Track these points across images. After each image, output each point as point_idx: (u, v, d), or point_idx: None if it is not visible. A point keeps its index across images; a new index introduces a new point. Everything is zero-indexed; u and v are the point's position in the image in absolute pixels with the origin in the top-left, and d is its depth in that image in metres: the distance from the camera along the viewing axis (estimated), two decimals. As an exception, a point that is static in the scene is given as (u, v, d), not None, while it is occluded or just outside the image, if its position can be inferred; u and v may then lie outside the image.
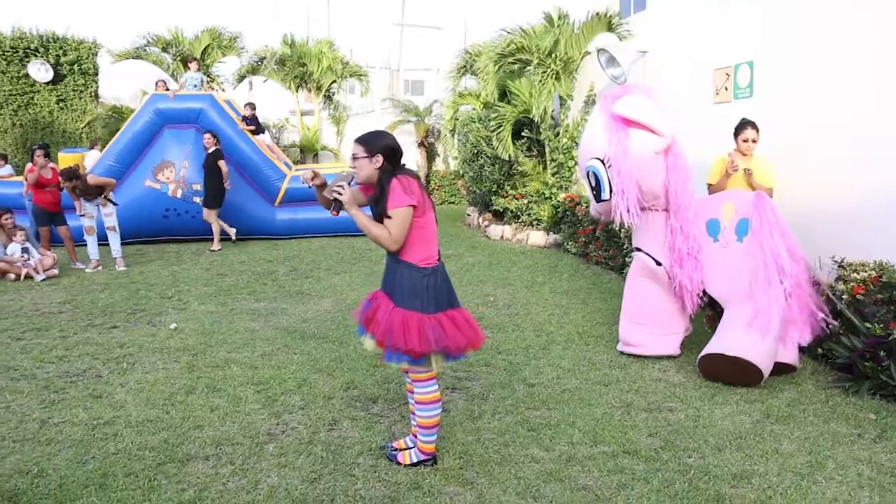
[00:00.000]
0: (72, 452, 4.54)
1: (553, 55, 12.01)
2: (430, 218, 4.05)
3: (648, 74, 10.14)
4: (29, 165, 11.23)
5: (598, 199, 6.04)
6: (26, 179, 11.09)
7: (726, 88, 8.31)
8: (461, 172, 17.14)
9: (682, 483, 4.03)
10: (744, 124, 6.47)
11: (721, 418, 4.96)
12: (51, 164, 11.15)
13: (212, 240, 12.67)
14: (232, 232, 12.90)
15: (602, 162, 5.84)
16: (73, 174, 10.59)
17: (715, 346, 5.66)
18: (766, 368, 5.46)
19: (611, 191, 5.85)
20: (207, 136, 12.44)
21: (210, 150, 12.33)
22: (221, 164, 12.28)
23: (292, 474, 4.19)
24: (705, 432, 4.72)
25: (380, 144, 3.96)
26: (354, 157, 3.99)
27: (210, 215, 12.55)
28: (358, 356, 6.33)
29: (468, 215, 16.41)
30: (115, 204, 10.93)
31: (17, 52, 18.07)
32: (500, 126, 12.67)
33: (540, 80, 12.11)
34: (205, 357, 6.41)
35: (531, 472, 4.16)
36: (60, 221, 11.30)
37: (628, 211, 5.82)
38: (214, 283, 9.71)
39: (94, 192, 10.79)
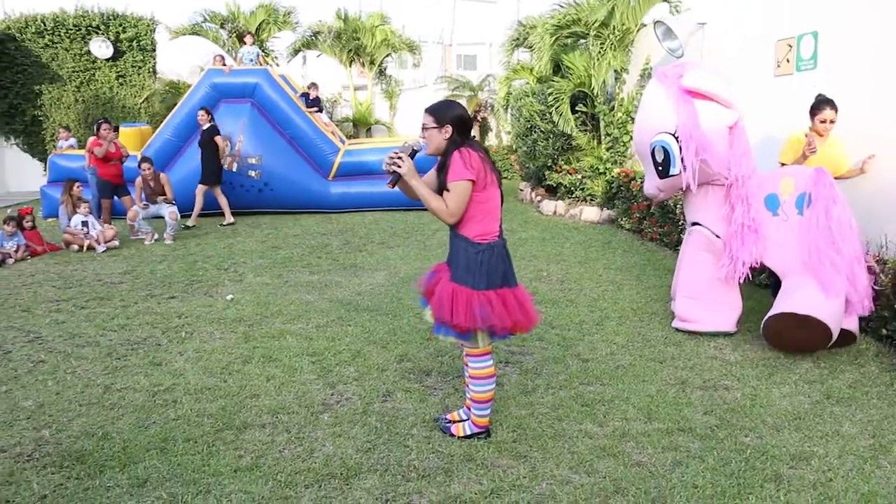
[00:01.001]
0: (134, 417, 4.66)
1: (609, 27, 11.83)
2: (492, 194, 3.98)
3: (706, 46, 9.93)
4: (92, 139, 11.46)
5: (664, 174, 5.96)
6: (91, 153, 11.33)
7: (788, 60, 8.09)
8: (514, 147, 17.02)
9: (739, 462, 3.98)
10: (821, 103, 6.16)
11: (779, 398, 4.88)
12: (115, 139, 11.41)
13: (223, 215, 12.70)
14: (227, 214, 12.74)
15: (674, 136, 5.77)
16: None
17: (783, 305, 5.56)
18: (834, 330, 5.38)
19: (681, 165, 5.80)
20: (201, 112, 12.45)
21: (204, 127, 12.34)
22: (217, 139, 12.28)
23: (347, 444, 4.24)
24: (762, 412, 4.65)
25: (450, 115, 3.93)
26: (424, 128, 3.97)
27: (199, 190, 12.49)
28: (411, 329, 6.37)
29: (521, 190, 16.32)
30: (174, 203, 11.24)
31: (80, 29, 18.40)
32: (558, 100, 12.54)
33: (599, 53, 11.94)
34: (260, 328, 6.51)
35: (584, 447, 4.15)
36: (123, 193, 11.58)
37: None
38: (269, 255, 9.83)
39: (160, 193, 11.09)
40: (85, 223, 10.71)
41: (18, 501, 3.72)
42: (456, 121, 3.92)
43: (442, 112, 3.94)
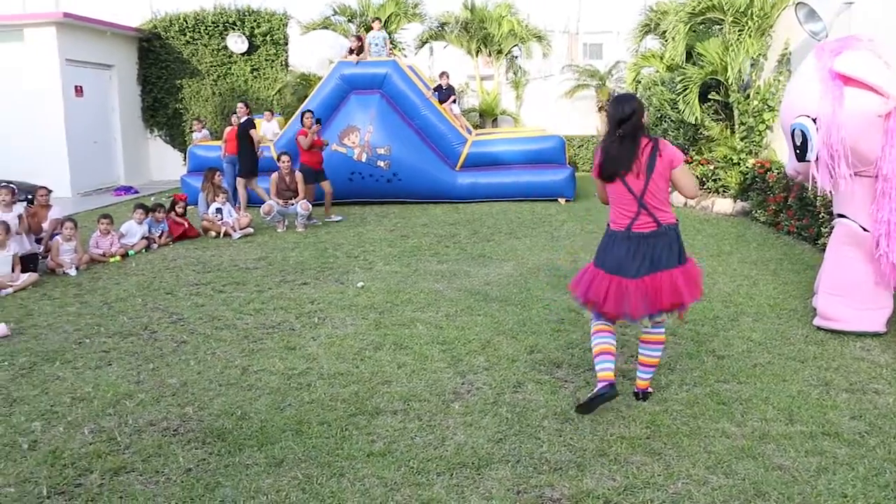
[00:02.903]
0: (270, 399, 4.81)
1: (748, 12, 11.37)
2: (613, 188, 4.39)
3: (853, 28, 9.38)
4: (298, 130, 11.98)
5: (800, 158, 5.69)
6: (298, 143, 11.80)
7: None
8: (642, 137, 16.59)
9: (894, 473, 3.74)
10: None
11: (935, 403, 4.58)
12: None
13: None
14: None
15: (813, 121, 5.49)
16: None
17: None
18: None
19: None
20: (240, 105, 12.73)
21: (242, 120, 12.57)
22: (252, 133, 12.48)
23: (478, 433, 4.25)
24: (918, 417, 4.38)
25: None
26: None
27: (240, 184, 12.59)
28: (541, 320, 6.33)
29: (650, 181, 15.95)
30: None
31: (218, 26, 19.26)
32: (687, 89, 12.17)
33: (737, 40, 11.51)
34: (391, 315, 6.61)
35: (722, 447, 4.01)
36: (323, 178, 12.06)
37: (831, 177, 5.47)
38: (398, 244, 9.97)
39: (294, 190, 11.40)
40: (219, 210, 11.14)
41: (167, 472, 3.92)
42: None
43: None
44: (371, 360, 5.46)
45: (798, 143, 5.69)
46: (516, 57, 21.29)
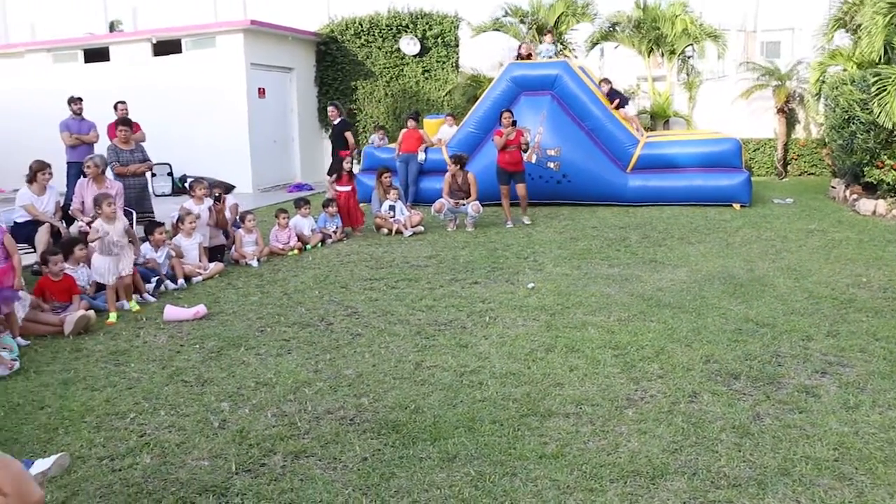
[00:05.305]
0: (442, 395, 4.89)
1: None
2: None
3: None
4: (497, 129, 12.09)
5: None
6: (495, 143, 11.95)
7: None
8: (825, 140, 15.73)
9: None
10: None
11: None
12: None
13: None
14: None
15: None
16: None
17: None
18: None
19: None
20: (331, 108, 12.67)
21: (335, 122, 12.45)
22: (348, 135, 12.35)
23: (652, 442, 4.14)
24: None
25: None
26: None
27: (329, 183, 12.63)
28: (717, 329, 6.10)
29: (832, 188, 15.04)
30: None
31: (391, 29, 19.81)
32: (884, 90, 11.38)
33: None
34: (562, 317, 6.56)
35: (925, 478, 3.72)
36: (519, 179, 12.00)
37: None
38: (568, 246, 9.90)
39: (466, 191, 11.54)
40: (392, 208, 11.44)
41: (344, 459, 4.06)
42: None
43: None
44: (542, 362, 5.44)
45: None
46: (690, 57, 20.64)
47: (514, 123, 11.77)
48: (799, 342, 5.75)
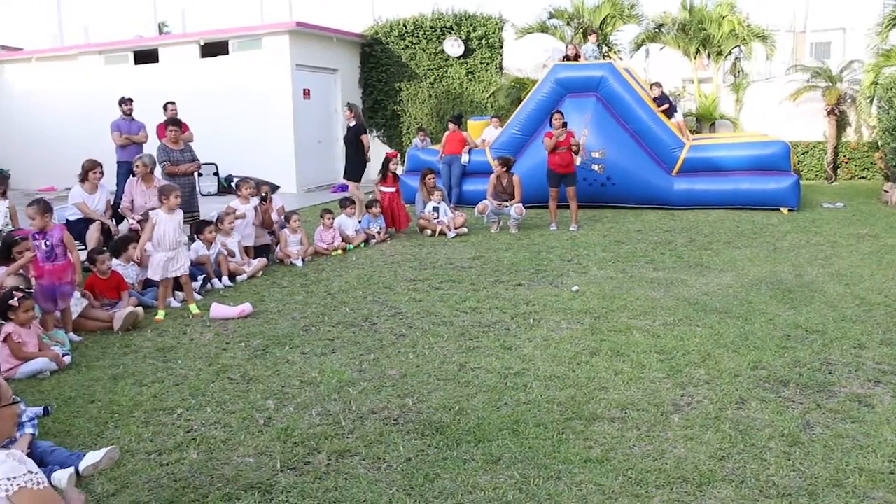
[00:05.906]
0: (486, 397, 4.88)
1: None
2: None
3: None
4: (547, 131, 11.99)
5: None
6: (545, 145, 11.86)
7: None
8: (878, 144, 15.40)
9: None
10: None
11: None
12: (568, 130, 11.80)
13: None
14: None
15: None
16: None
17: None
18: None
19: None
20: (346, 110, 12.60)
21: (351, 125, 12.38)
22: (364, 138, 12.28)
23: (699, 448, 4.09)
24: None
25: None
26: None
27: (353, 188, 12.61)
28: (764, 335, 6.00)
29: (885, 191, 14.73)
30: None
31: (436, 30, 19.86)
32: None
33: None
34: (607, 321, 6.51)
35: (984, 493, 3.61)
36: (570, 182, 11.82)
37: None
38: (612, 249, 9.82)
39: (510, 193, 11.49)
40: (436, 209, 11.46)
41: (388, 459, 4.07)
42: None
43: None
44: (587, 365, 5.40)
45: None
46: (737, 58, 20.35)
47: (564, 125, 11.68)
48: (850, 350, 5.64)
